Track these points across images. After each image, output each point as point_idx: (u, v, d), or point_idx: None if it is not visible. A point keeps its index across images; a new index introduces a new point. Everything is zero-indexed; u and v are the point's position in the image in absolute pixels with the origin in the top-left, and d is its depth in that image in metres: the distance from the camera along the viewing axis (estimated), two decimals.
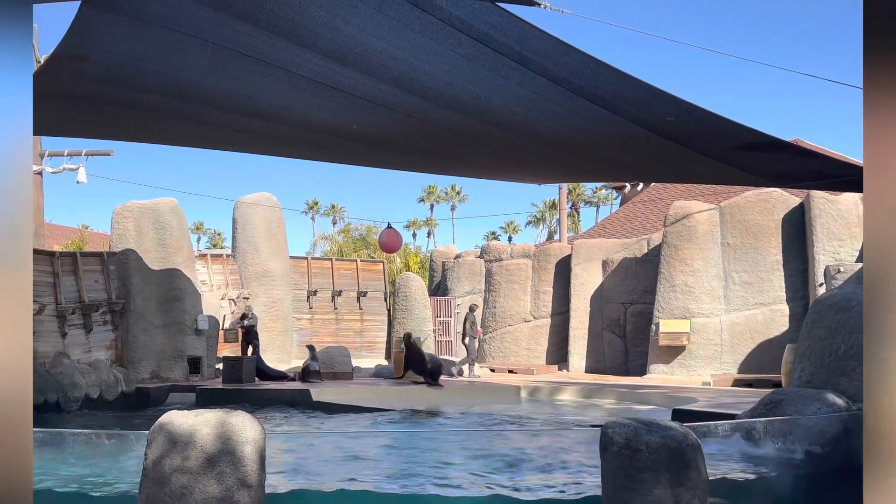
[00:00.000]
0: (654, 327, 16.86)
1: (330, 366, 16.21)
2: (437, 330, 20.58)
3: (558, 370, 18.81)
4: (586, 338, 18.75)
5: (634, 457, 4.67)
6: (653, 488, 4.61)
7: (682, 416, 9.35)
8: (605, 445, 4.83)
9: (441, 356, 19.61)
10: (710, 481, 4.86)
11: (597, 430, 5.02)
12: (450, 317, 20.92)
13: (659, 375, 16.51)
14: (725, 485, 5.90)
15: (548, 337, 19.70)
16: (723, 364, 16.39)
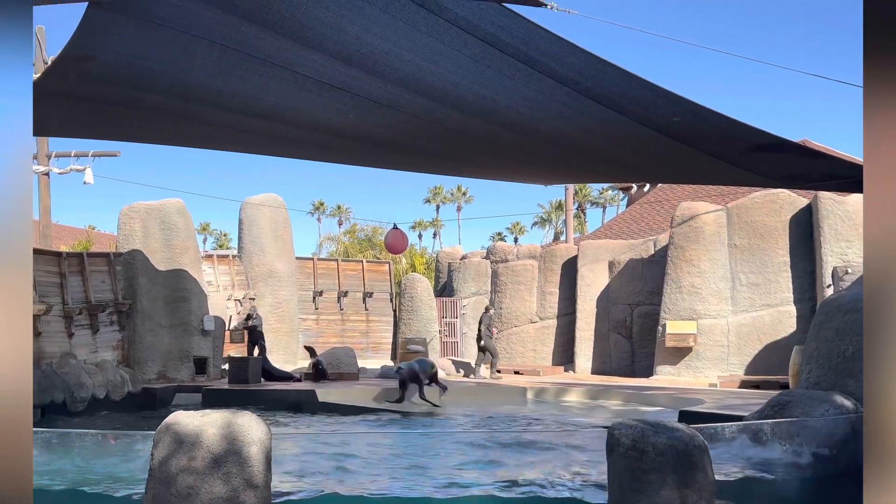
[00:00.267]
0: (660, 328, 16.82)
1: (336, 366, 16.22)
2: (443, 331, 20.57)
3: (564, 371, 18.79)
4: (592, 339, 18.72)
5: (641, 458, 4.66)
6: (659, 490, 4.60)
7: (688, 417, 9.33)
8: (612, 447, 4.82)
9: (447, 357, 19.62)
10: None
11: (603, 431, 5.01)
12: (456, 318, 20.90)
13: (665, 377, 16.48)
14: (733, 486, 5.88)
15: (554, 338, 19.67)
16: (730, 365, 16.34)
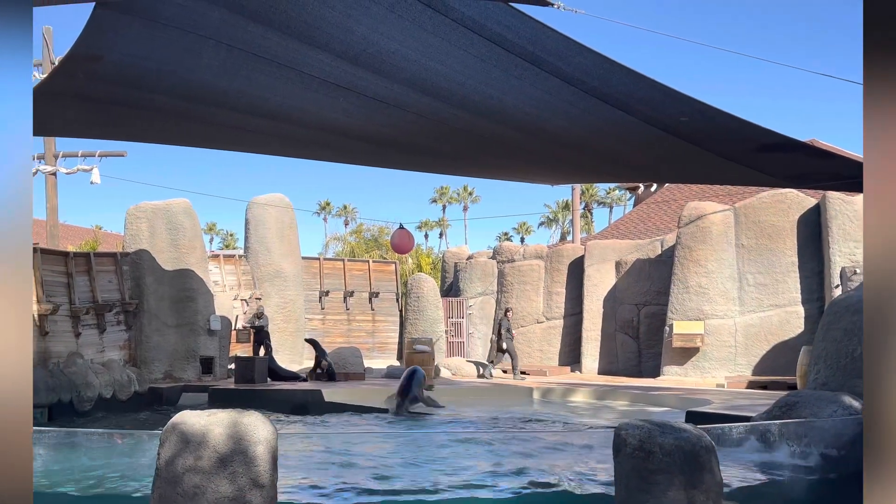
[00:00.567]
0: (667, 329, 16.77)
1: (342, 367, 16.23)
2: (449, 331, 20.56)
3: (571, 371, 18.75)
4: (599, 339, 18.68)
5: (648, 459, 4.64)
6: (666, 490, 4.58)
7: (695, 418, 9.29)
8: (619, 447, 4.80)
9: (454, 357, 19.60)
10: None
11: (610, 432, 4.99)
12: (462, 318, 20.89)
13: (672, 377, 16.43)
14: (740, 487, 5.85)
15: (560, 338, 19.64)
16: (737, 366, 16.29)
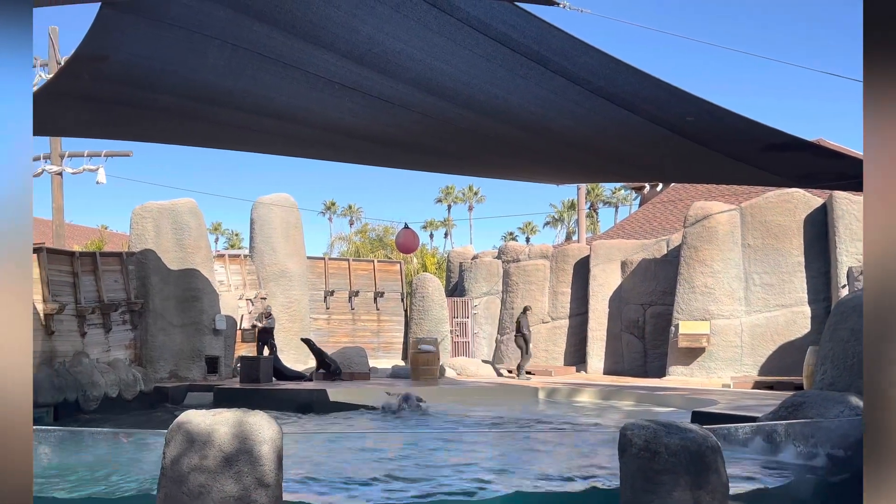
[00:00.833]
0: (673, 329, 16.74)
1: (347, 366, 16.24)
2: (455, 331, 20.55)
3: (576, 371, 18.73)
4: (605, 339, 18.65)
5: (654, 459, 4.63)
6: (672, 491, 4.57)
7: (701, 418, 9.27)
8: (624, 447, 4.79)
9: (459, 357, 19.60)
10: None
11: (615, 432, 4.97)
12: (467, 317, 20.89)
13: (678, 377, 16.39)
14: (747, 488, 5.83)
15: (566, 338, 19.61)
16: (743, 366, 16.24)
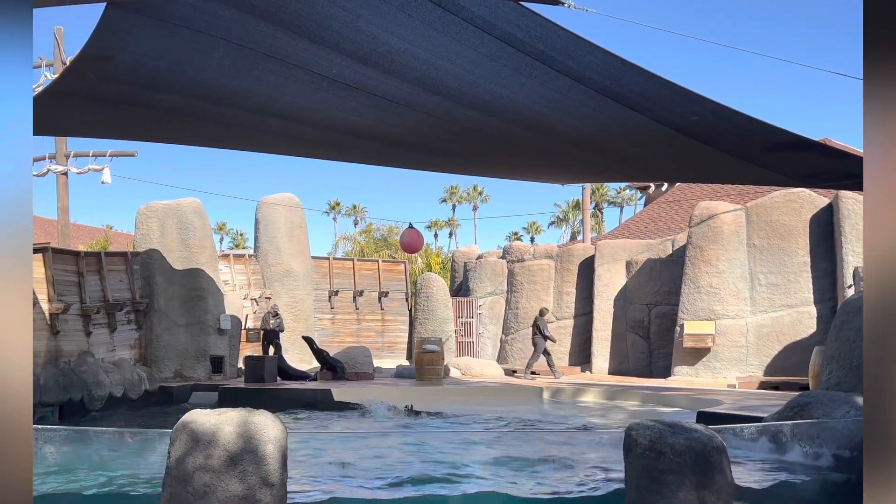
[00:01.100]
0: (678, 329, 16.71)
1: (351, 366, 16.25)
2: (459, 331, 20.55)
3: (581, 372, 18.71)
4: (610, 339, 18.63)
5: (659, 459, 4.62)
6: (677, 491, 4.56)
7: (707, 418, 9.25)
8: (629, 447, 4.78)
9: (464, 357, 19.59)
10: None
11: (620, 432, 4.96)
12: (471, 317, 20.88)
13: (683, 377, 16.37)
14: (752, 488, 5.82)
15: (571, 338, 19.59)
16: (748, 366, 16.21)
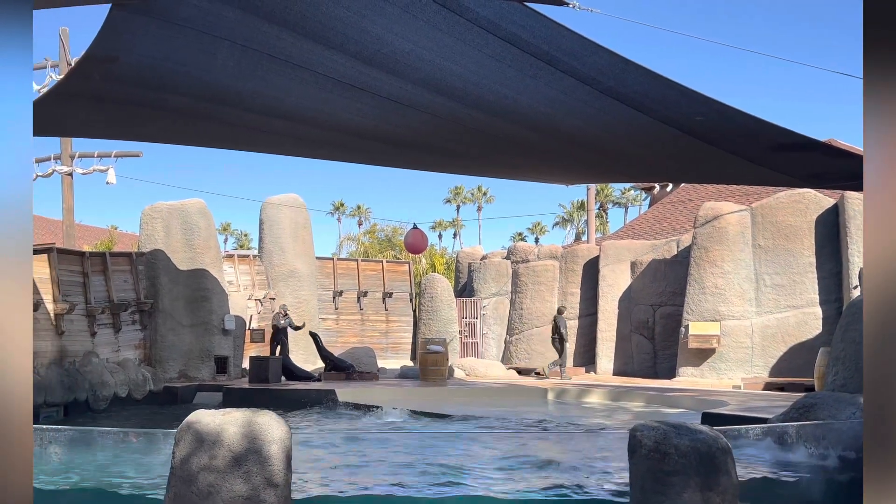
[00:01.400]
0: (683, 329, 16.68)
1: (355, 366, 16.26)
2: (463, 331, 20.54)
3: (586, 372, 18.69)
4: (614, 340, 18.60)
5: (663, 460, 4.61)
6: (682, 492, 4.55)
7: (712, 419, 9.23)
8: (634, 448, 4.77)
9: (468, 357, 19.58)
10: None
11: (625, 433, 4.96)
12: (476, 318, 20.87)
13: (688, 378, 16.33)
14: (757, 489, 5.80)
15: (575, 339, 19.57)
16: (753, 367, 16.17)
